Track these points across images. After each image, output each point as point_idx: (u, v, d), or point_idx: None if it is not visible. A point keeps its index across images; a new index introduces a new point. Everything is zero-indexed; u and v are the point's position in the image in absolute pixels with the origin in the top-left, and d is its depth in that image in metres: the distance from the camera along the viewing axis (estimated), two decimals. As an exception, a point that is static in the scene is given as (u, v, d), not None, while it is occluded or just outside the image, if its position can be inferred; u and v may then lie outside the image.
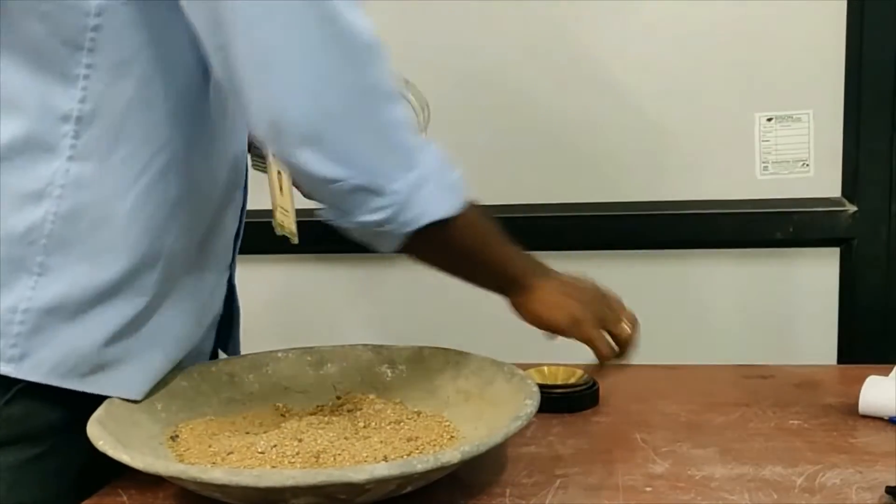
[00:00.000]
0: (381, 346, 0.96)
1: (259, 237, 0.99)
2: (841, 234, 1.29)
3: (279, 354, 0.95)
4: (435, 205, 0.75)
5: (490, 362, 0.89)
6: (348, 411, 0.88)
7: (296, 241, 0.96)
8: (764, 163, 1.31)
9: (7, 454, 0.78)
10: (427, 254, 0.81)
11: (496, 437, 0.70)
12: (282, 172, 0.92)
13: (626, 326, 0.90)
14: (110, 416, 0.76)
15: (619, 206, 1.33)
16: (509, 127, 1.35)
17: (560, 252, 1.35)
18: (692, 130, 1.32)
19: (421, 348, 0.94)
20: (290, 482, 0.63)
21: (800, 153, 1.30)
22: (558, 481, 0.77)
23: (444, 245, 0.80)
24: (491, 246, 0.84)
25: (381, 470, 0.64)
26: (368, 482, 0.64)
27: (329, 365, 0.95)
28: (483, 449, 0.68)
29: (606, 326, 0.89)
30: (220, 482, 0.63)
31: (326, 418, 0.86)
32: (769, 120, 1.30)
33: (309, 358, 0.95)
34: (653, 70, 1.31)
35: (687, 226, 1.32)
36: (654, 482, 0.76)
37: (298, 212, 0.96)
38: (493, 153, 1.36)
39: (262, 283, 1.41)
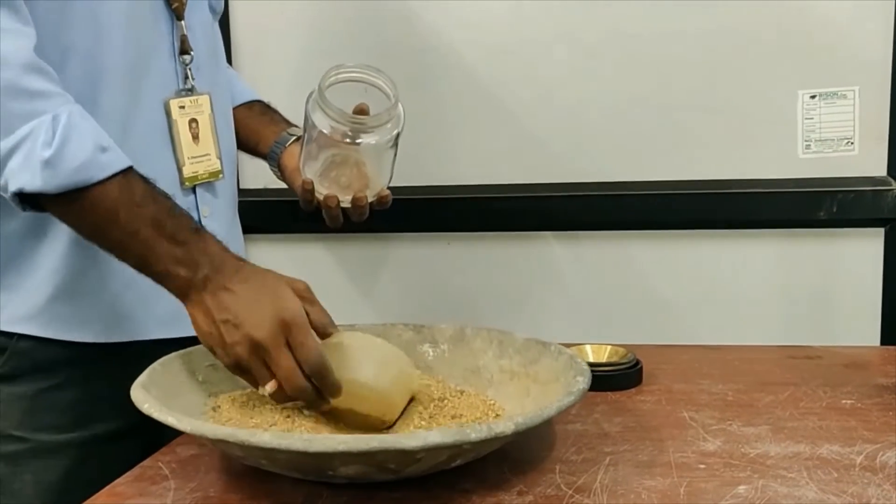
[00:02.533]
0: (421, 326, 0.94)
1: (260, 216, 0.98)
2: (886, 213, 1.26)
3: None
4: (20, 177, 0.74)
5: (535, 342, 0.87)
6: None
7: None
8: (807, 141, 1.28)
9: (21, 385, 0.88)
10: (66, 222, 0.80)
11: (549, 411, 0.68)
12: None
13: (291, 357, 0.74)
14: (153, 382, 0.75)
15: (660, 185, 1.31)
16: (542, 106, 1.33)
17: (602, 232, 1.34)
18: (733, 108, 1.29)
19: (463, 328, 0.93)
20: (341, 447, 0.61)
21: (844, 131, 1.27)
22: (608, 458, 0.75)
23: (66, 218, 0.79)
24: (136, 236, 0.77)
25: (434, 437, 0.62)
26: (420, 450, 0.63)
27: None
28: (536, 421, 0.67)
29: (266, 353, 0.73)
30: (268, 446, 0.62)
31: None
32: (812, 97, 1.27)
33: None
34: (693, 46, 1.28)
35: (728, 206, 1.29)
36: (707, 459, 0.74)
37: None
38: (526, 133, 1.34)
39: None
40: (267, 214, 1.36)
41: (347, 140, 0.90)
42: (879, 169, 1.27)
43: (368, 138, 0.91)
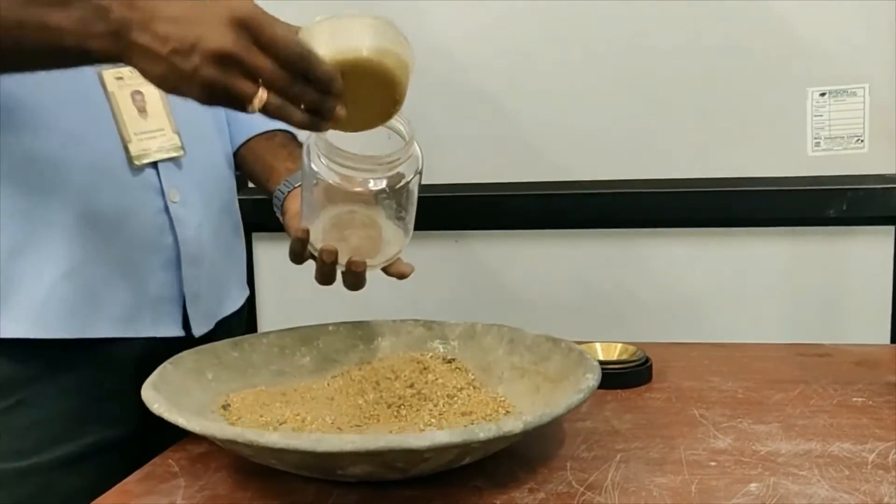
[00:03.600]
0: (432, 322, 0.94)
1: (265, 213, 0.97)
2: (896, 211, 1.26)
3: (330, 328, 0.93)
4: None
5: (545, 338, 0.87)
6: (405, 385, 0.86)
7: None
8: (816, 139, 1.28)
9: None
10: None
11: (558, 409, 0.68)
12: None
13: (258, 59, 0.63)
14: (164, 381, 0.75)
15: (669, 183, 1.31)
16: (549, 103, 1.33)
17: (611, 230, 1.34)
18: (742, 106, 1.29)
19: (473, 324, 0.92)
20: (349, 447, 0.61)
21: (854, 129, 1.26)
22: (619, 455, 0.75)
23: None
24: (23, 27, 0.65)
25: (442, 437, 0.62)
26: (428, 450, 0.62)
27: (380, 339, 0.93)
28: (545, 420, 0.67)
29: (237, 61, 0.63)
30: (276, 446, 0.62)
31: (380, 392, 0.85)
32: (822, 95, 1.27)
33: (360, 332, 0.94)
34: (703, 43, 1.28)
35: (737, 204, 1.29)
36: (717, 457, 0.74)
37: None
38: (533, 131, 1.33)
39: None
40: (272, 211, 1.36)
41: (356, 188, 0.78)
42: (889, 167, 1.27)
43: (379, 182, 0.79)
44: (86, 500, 0.69)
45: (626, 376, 0.95)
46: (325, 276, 0.82)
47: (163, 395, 0.72)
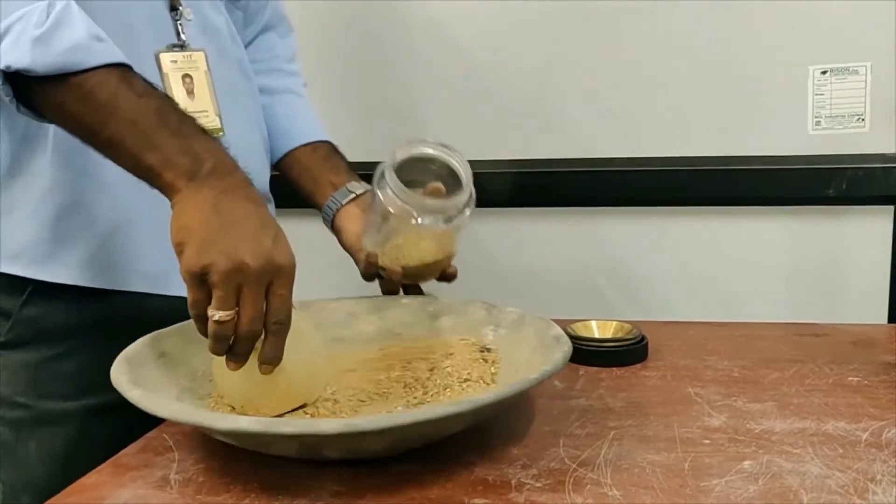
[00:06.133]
0: (493, 307, 0.90)
1: (290, 190, 0.99)
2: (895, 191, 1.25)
3: (403, 301, 0.94)
4: (9, 54, 0.70)
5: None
6: (428, 370, 0.86)
7: None
8: (817, 118, 1.27)
9: (26, 353, 0.88)
10: (48, 114, 0.74)
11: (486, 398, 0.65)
12: None
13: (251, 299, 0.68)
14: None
15: (668, 161, 1.31)
16: (550, 81, 1.32)
17: (608, 208, 1.34)
18: (743, 84, 1.28)
19: (523, 314, 0.87)
20: (272, 429, 0.61)
21: (855, 107, 1.25)
22: (612, 433, 0.75)
23: (62, 108, 0.73)
24: (136, 126, 0.71)
25: (328, 425, 0.60)
26: (346, 435, 0.61)
27: (444, 318, 0.92)
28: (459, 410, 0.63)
29: (244, 283, 0.67)
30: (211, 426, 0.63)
31: (408, 371, 0.85)
32: (823, 73, 1.26)
33: (430, 308, 0.93)
34: (704, 21, 1.27)
35: (736, 182, 1.29)
36: (711, 435, 0.74)
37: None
38: (536, 109, 1.33)
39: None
40: (286, 187, 1.35)
41: (416, 221, 0.87)
42: (890, 146, 1.26)
43: (437, 222, 0.88)
44: (113, 449, 0.73)
45: (621, 354, 0.95)
46: (389, 289, 0.97)
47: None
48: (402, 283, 0.96)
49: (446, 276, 0.97)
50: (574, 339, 0.95)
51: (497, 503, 0.62)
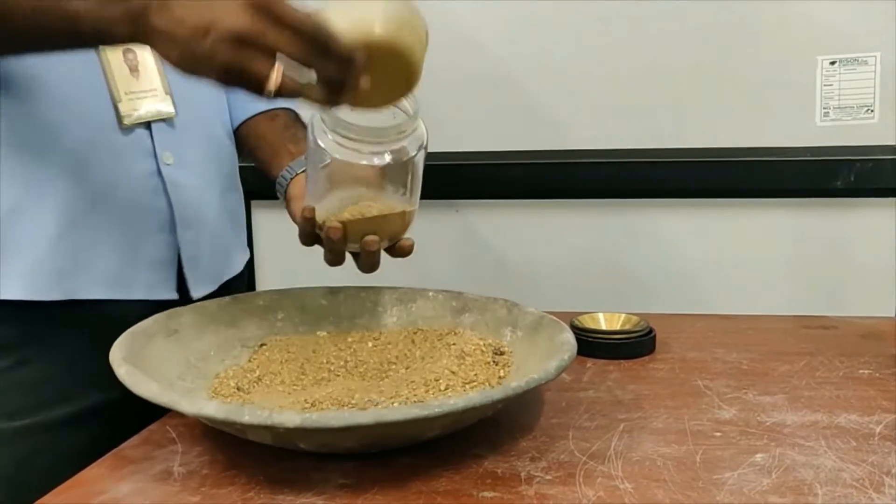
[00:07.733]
0: (514, 306, 0.87)
1: (267, 181, 0.96)
2: (904, 183, 1.24)
3: (430, 293, 0.92)
4: None
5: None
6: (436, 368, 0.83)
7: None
8: (825, 108, 1.26)
9: None
10: None
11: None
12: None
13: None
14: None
15: (674, 153, 1.29)
16: (554, 74, 1.31)
17: (614, 200, 1.32)
18: (751, 74, 1.27)
19: (542, 316, 0.84)
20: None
21: (864, 98, 1.24)
22: (622, 425, 0.74)
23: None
24: (40, 8, 0.67)
25: (313, 420, 0.59)
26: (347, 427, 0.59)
27: (467, 314, 0.90)
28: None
29: (254, 39, 0.63)
30: (218, 418, 0.62)
31: (414, 365, 0.83)
32: (832, 63, 1.24)
33: (454, 303, 0.91)
34: (712, 11, 1.25)
35: (743, 174, 1.27)
36: (722, 427, 0.73)
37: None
38: (537, 101, 1.31)
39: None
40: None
41: (362, 161, 0.79)
42: (899, 138, 1.25)
43: (384, 156, 0.79)
44: (80, 462, 0.68)
45: (629, 346, 0.94)
46: (334, 256, 0.82)
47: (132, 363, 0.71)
48: (347, 248, 0.82)
49: (400, 248, 0.84)
50: (582, 331, 0.95)
51: (507, 496, 0.61)
